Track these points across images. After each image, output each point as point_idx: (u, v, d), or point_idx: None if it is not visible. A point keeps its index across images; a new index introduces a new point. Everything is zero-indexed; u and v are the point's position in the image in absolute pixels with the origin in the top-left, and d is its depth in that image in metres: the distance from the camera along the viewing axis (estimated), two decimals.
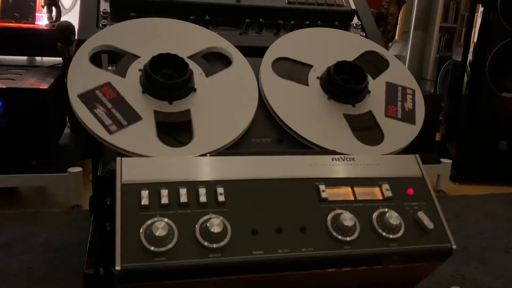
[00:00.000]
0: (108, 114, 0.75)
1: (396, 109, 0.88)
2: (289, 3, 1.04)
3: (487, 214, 1.64)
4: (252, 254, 0.64)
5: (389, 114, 0.87)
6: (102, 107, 0.76)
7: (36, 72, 1.66)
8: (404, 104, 0.89)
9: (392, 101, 0.89)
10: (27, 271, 1.12)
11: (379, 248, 0.69)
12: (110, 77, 0.80)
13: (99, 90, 0.78)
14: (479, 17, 1.92)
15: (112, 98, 0.77)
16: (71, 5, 2.59)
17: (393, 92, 0.91)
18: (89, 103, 0.76)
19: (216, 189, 0.68)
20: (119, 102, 0.77)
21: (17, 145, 1.46)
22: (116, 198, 0.65)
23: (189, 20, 0.95)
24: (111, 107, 0.76)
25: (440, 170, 1.86)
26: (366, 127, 0.85)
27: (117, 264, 0.60)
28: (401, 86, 0.92)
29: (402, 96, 0.91)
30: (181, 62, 0.81)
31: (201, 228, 0.64)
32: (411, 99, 0.91)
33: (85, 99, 0.77)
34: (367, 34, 1.05)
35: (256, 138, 0.81)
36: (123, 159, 0.68)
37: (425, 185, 0.77)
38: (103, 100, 0.77)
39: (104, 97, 0.77)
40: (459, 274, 1.22)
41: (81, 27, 0.92)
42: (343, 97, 0.86)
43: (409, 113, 0.89)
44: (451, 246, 0.72)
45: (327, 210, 0.70)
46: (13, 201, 1.55)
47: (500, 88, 1.92)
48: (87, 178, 1.56)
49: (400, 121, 0.87)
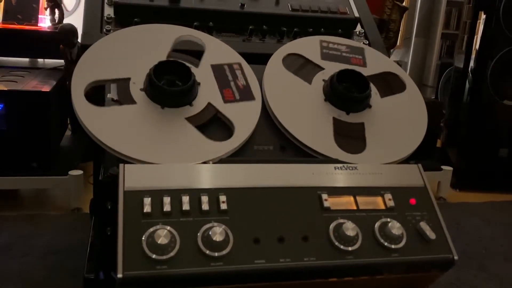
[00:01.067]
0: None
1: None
2: (293, 10, 1.04)
3: (487, 222, 1.64)
4: (254, 263, 0.64)
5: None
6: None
7: (38, 74, 1.66)
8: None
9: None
10: (26, 274, 1.12)
11: (381, 258, 0.69)
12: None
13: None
14: (481, 25, 1.92)
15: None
16: (73, 8, 2.60)
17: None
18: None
19: (219, 197, 0.68)
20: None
21: (18, 147, 1.45)
22: (118, 205, 0.65)
23: (193, 26, 0.95)
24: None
25: (441, 177, 1.86)
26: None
27: (118, 272, 0.60)
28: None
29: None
30: (185, 70, 0.80)
31: (203, 236, 0.64)
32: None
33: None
34: (370, 42, 1.05)
35: (258, 145, 0.81)
36: (126, 166, 0.68)
37: (427, 195, 0.77)
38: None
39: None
40: (458, 281, 1.22)
41: (85, 33, 0.92)
42: (338, 102, 0.86)
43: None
44: (452, 257, 0.72)
45: (329, 220, 0.70)
46: (13, 203, 1.54)
47: (501, 95, 1.92)
48: (88, 181, 1.57)
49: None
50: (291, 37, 1.01)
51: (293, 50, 0.94)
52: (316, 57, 0.94)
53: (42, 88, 1.46)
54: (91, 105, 0.76)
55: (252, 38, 1.00)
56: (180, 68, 0.81)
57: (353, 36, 1.07)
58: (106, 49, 0.85)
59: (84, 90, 0.78)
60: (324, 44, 0.97)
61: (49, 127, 1.48)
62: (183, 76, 0.80)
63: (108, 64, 0.83)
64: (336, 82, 0.86)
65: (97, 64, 0.82)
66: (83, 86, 0.78)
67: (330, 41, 0.98)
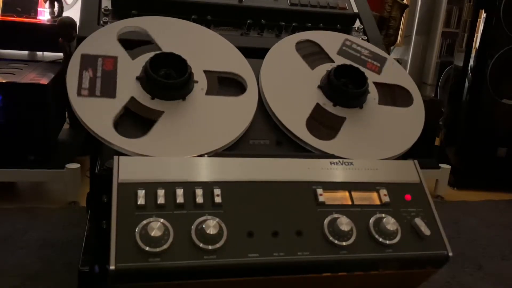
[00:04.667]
0: (91, 80, 0.78)
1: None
2: (292, 4, 1.04)
3: (485, 221, 1.64)
4: (247, 256, 0.64)
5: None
6: (92, 72, 0.79)
7: (36, 67, 1.65)
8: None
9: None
10: (22, 267, 1.12)
11: (375, 253, 0.69)
12: (120, 54, 0.82)
13: (101, 59, 0.81)
14: (482, 23, 1.92)
15: (107, 71, 0.80)
16: (73, 1, 2.60)
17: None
18: (85, 64, 0.79)
19: (213, 190, 0.68)
20: (109, 76, 0.79)
21: (15, 140, 1.45)
22: (112, 197, 0.64)
23: (191, 19, 0.95)
24: (99, 76, 0.79)
25: (439, 175, 1.86)
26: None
27: (111, 264, 0.60)
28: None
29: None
30: (182, 63, 0.80)
31: (197, 229, 0.64)
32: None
33: (85, 60, 0.80)
34: (369, 38, 1.05)
35: (254, 140, 0.81)
36: (120, 158, 0.68)
37: (422, 191, 0.77)
38: (97, 68, 0.80)
39: (101, 66, 0.80)
40: (455, 280, 1.21)
41: (82, 24, 0.91)
42: (327, 91, 0.86)
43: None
44: (447, 253, 0.72)
45: (324, 214, 0.70)
46: (10, 196, 1.54)
47: (500, 94, 1.92)
48: (85, 175, 1.56)
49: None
50: (289, 32, 1.01)
51: (313, 38, 0.95)
52: (333, 51, 0.94)
53: (40, 80, 1.46)
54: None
55: (250, 32, 1.00)
56: (162, 59, 0.80)
57: (352, 31, 1.07)
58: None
59: None
60: (348, 42, 0.97)
61: (46, 120, 1.47)
62: (170, 63, 0.80)
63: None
64: (334, 73, 0.86)
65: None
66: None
67: (355, 41, 0.98)
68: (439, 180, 1.86)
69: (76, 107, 0.75)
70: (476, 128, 1.96)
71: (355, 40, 0.98)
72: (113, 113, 0.75)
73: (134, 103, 0.77)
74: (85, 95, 0.76)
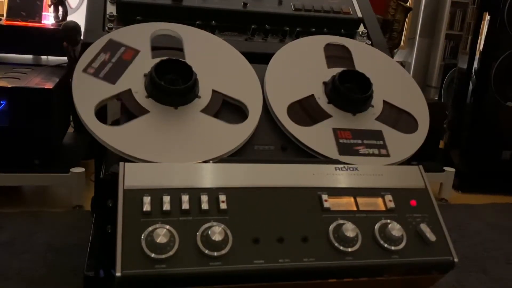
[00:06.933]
0: (103, 63, 0.80)
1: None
2: (296, 10, 1.04)
3: (489, 224, 1.63)
4: (253, 263, 0.64)
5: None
6: (108, 57, 0.82)
7: (41, 71, 1.66)
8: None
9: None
10: (27, 271, 1.12)
11: (380, 259, 0.69)
12: (144, 49, 0.84)
13: (124, 48, 0.84)
14: (486, 26, 1.91)
15: (123, 60, 0.82)
16: (77, 5, 2.61)
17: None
18: (107, 48, 0.83)
19: (218, 196, 0.68)
20: (122, 65, 0.81)
21: (20, 144, 1.46)
22: (118, 203, 0.65)
23: (195, 25, 0.95)
24: (113, 62, 0.81)
25: (443, 179, 1.86)
26: (308, 114, 0.85)
27: (117, 270, 0.60)
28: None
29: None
30: (187, 69, 0.80)
31: (202, 235, 0.64)
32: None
33: (109, 44, 0.83)
34: (373, 43, 1.05)
35: (259, 145, 0.81)
36: (126, 164, 0.68)
37: (428, 196, 0.77)
38: (115, 55, 0.82)
39: (120, 54, 0.83)
40: (460, 284, 1.21)
41: (87, 30, 0.92)
42: (327, 86, 0.87)
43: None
44: (452, 259, 0.72)
45: (329, 220, 0.70)
46: (15, 200, 1.55)
47: (504, 97, 1.91)
48: (90, 179, 1.57)
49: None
50: (293, 37, 1.01)
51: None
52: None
53: (45, 85, 1.47)
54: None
55: (255, 38, 1.00)
56: (175, 65, 0.80)
57: (356, 36, 1.07)
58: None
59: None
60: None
61: (51, 124, 1.48)
62: (181, 71, 0.80)
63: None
64: (339, 78, 0.85)
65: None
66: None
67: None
68: (444, 183, 1.86)
69: (75, 81, 0.76)
70: (480, 131, 1.95)
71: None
72: (101, 98, 0.76)
73: (128, 95, 0.77)
74: (89, 73, 0.79)
